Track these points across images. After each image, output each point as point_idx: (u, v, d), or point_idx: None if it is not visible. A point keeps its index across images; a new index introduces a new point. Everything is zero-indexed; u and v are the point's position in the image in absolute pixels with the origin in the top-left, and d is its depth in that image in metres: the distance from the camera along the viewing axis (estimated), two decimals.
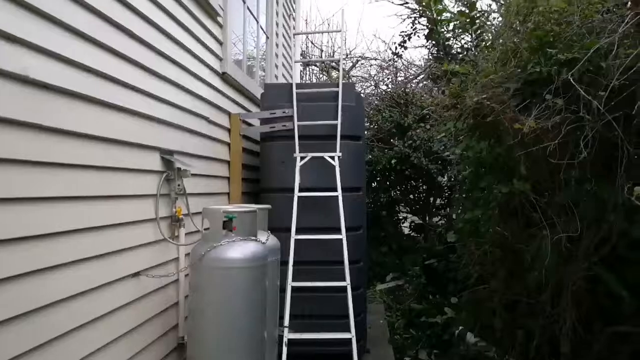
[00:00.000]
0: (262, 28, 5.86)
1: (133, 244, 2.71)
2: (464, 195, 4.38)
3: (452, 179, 6.91)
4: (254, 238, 2.93)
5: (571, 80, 2.37)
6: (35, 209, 1.97)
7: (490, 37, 4.20)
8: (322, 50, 11.58)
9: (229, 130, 4.30)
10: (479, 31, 4.34)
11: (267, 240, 3.04)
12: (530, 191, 2.97)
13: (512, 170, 3.24)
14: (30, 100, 1.95)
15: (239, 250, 2.82)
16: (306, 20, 11.60)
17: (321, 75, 11.42)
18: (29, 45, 1.94)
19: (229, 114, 4.30)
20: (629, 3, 2.57)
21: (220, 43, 4.11)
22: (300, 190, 4.08)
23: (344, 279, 3.74)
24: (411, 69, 9.33)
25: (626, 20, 2.36)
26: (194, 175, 3.36)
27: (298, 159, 4.17)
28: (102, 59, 2.41)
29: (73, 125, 2.19)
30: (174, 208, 3.17)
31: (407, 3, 4.86)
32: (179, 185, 3.17)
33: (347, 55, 10.99)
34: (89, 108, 2.32)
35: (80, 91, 2.23)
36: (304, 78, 11.33)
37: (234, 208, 2.98)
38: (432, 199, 7.85)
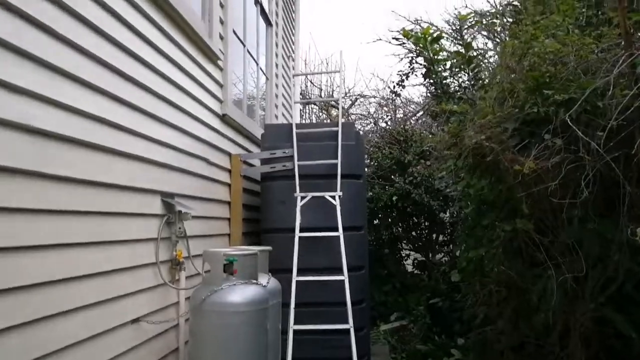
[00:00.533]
0: (262, 70, 5.95)
1: (133, 289, 2.68)
2: (466, 232, 4.35)
3: (455, 215, 6.88)
4: (254, 281, 2.90)
5: (568, 121, 2.38)
6: (34, 256, 1.95)
7: (487, 76, 4.26)
8: (321, 89, 11.74)
9: (229, 171, 4.31)
10: (475, 70, 4.40)
11: (268, 282, 3.01)
12: (533, 231, 2.95)
13: (515, 208, 3.22)
14: (33, 149, 1.95)
15: (240, 294, 2.78)
16: (305, 60, 11.80)
17: (321, 114, 11.54)
18: (34, 95, 1.96)
19: (229, 154, 4.32)
20: (623, 43, 2.61)
21: (221, 85, 4.16)
22: (301, 230, 4.06)
23: (346, 321, 3.68)
24: (410, 106, 9.43)
25: (620, 61, 2.39)
26: (194, 217, 3.34)
27: (299, 198, 4.17)
28: (103, 105, 2.43)
29: (74, 172, 2.20)
30: (175, 251, 3.14)
31: (404, 43, 4.94)
32: (179, 228, 3.16)
33: (346, 94, 11.13)
34: (90, 154, 2.33)
35: (81, 138, 2.25)
36: (304, 116, 11.44)
37: (234, 251, 2.96)
38: (434, 235, 7.80)
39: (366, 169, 7.28)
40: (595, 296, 2.94)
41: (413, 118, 9.00)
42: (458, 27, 4.58)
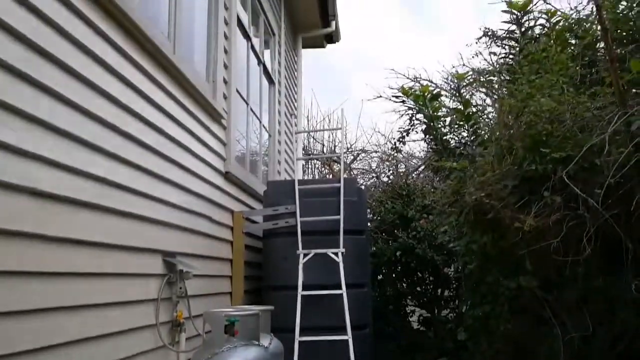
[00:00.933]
0: (264, 127, 6.06)
1: (132, 353, 2.63)
2: (471, 289, 4.30)
3: (459, 270, 6.80)
4: (256, 342, 2.85)
5: (566, 179, 2.41)
6: (31, 320, 1.94)
7: (486, 132, 4.32)
8: (323, 145, 11.89)
9: (231, 229, 4.31)
10: (474, 127, 4.48)
11: (270, 344, 2.95)
12: (537, 288, 2.92)
13: (519, 265, 3.20)
14: (36, 211, 1.98)
15: (241, 357, 2.73)
16: (307, 116, 12.02)
17: (323, 169, 11.64)
18: (39, 159, 2.00)
19: (232, 212, 4.34)
20: (617, 101, 2.66)
21: (224, 144, 4.23)
22: (304, 287, 4.02)
23: None
24: (412, 161, 9.51)
25: (614, 120, 2.44)
26: (195, 276, 3.32)
27: (301, 256, 4.15)
28: (108, 166, 2.47)
29: (76, 233, 2.21)
30: (175, 312, 3.11)
31: (404, 101, 5.05)
32: (180, 287, 3.13)
33: (348, 149, 11.27)
34: (93, 215, 2.35)
35: (85, 199, 2.27)
36: (307, 171, 11.54)
37: (235, 311, 2.92)
38: (439, 291, 7.68)
39: (369, 224, 7.27)
40: (604, 355, 2.87)
41: (415, 172, 9.06)
42: (456, 86, 4.70)
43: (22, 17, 1.92)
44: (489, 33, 4.67)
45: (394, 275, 7.62)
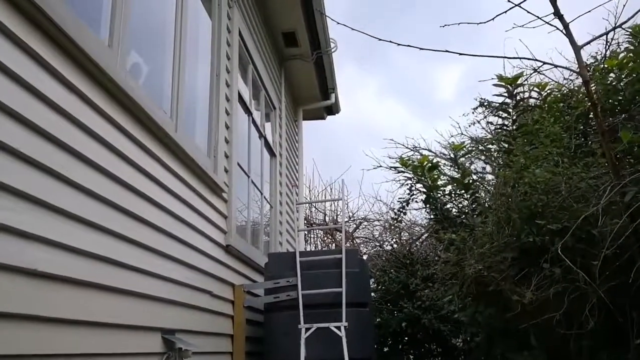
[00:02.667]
0: (266, 198, 6.11)
1: None
2: None
3: (467, 341, 6.63)
4: None
5: (561, 254, 2.41)
6: None
7: (485, 201, 4.35)
8: (325, 214, 11.91)
9: (232, 303, 4.26)
10: (474, 196, 4.51)
11: None
12: None
13: (524, 338, 3.13)
14: (35, 293, 1.97)
15: None
16: (309, 186, 12.13)
17: (325, 238, 11.59)
18: (40, 240, 2.02)
19: (232, 285, 4.30)
20: (610, 172, 2.70)
21: (225, 217, 4.26)
22: None
23: None
24: (415, 228, 9.48)
25: (607, 191, 2.47)
26: (195, 353, 3.25)
27: (303, 330, 4.07)
28: (108, 245, 2.49)
29: (73, 313, 2.19)
30: None
31: (403, 172, 5.12)
32: None
33: (349, 218, 11.28)
34: (92, 294, 2.34)
35: (83, 278, 2.27)
36: (309, 240, 11.49)
37: None
38: None
39: (373, 294, 7.16)
40: None
41: (418, 240, 9.01)
42: (454, 156, 4.78)
43: (25, 101, 2.00)
44: (485, 103, 4.81)
45: (400, 347, 7.42)
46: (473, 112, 4.95)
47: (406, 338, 7.26)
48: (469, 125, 7.42)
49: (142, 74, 3.32)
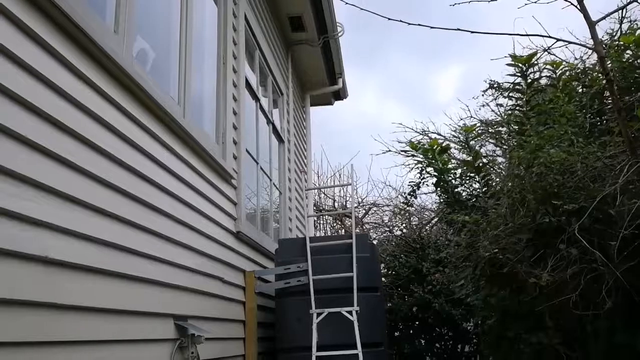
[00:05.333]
0: (275, 185, 6.09)
1: None
2: (492, 346, 4.15)
3: (479, 325, 6.61)
4: None
5: (577, 235, 2.36)
6: None
7: (498, 184, 4.29)
8: (334, 200, 11.89)
9: (243, 289, 4.26)
10: (485, 178, 4.46)
11: None
12: (560, 344, 2.81)
13: (539, 319, 3.10)
14: (46, 280, 1.97)
15: None
16: (318, 172, 12.10)
17: (335, 224, 11.58)
18: (50, 227, 2.01)
19: (243, 272, 4.29)
20: (627, 150, 2.65)
21: (235, 203, 4.24)
22: (319, 348, 3.91)
23: None
24: (425, 213, 9.45)
25: (625, 170, 2.42)
26: (208, 339, 3.25)
27: (314, 315, 4.06)
28: (119, 232, 2.48)
29: (86, 300, 2.19)
30: None
31: (413, 155, 5.06)
32: (192, 353, 3.06)
33: (359, 204, 11.24)
34: (104, 281, 2.33)
35: (96, 266, 2.26)
36: (319, 227, 11.49)
37: None
38: (459, 346, 7.45)
39: (384, 279, 7.15)
40: None
41: (428, 225, 8.98)
42: (465, 139, 4.71)
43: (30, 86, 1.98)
44: (495, 85, 4.73)
45: (411, 332, 7.43)
46: (483, 95, 4.87)
47: (417, 322, 7.27)
48: (479, 108, 7.30)
49: (149, 60, 3.28)
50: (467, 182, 4.84)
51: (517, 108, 4.07)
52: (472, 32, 2.64)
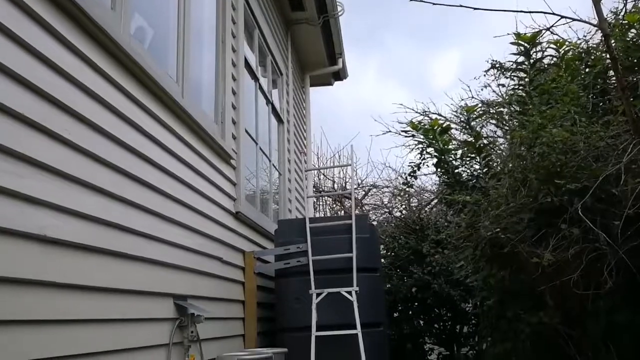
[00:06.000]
0: (274, 166, 6.06)
1: None
2: (491, 326, 4.17)
3: (478, 305, 6.64)
4: None
5: (581, 214, 2.34)
6: None
7: (499, 164, 4.27)
8: (334, 182, 11.87)
9: (243, 269, 4.26)
10: (486, 159, 4.43)
11: None
12: (560, 324, 2.81)
13: (539, 299, 3.10)
14: (44, 258, 1.95)
15: None
16: (317, 154, 12.06)
17: (334, 205, 11.58)
18: (48, 205, 1.98)
19: (243, 252, 4.29)
20: (630, 130, 2.62)
21: (234, 184, 4.22)
22: (318, 328, 3.93)
23: None
24: (424, 194, 9.44)
25: (629, 148, 2.39)
26: (207, 319, 3.26)
27: (314, 295, 4.07)
28: (117, 211, 2.45)
29: (85, 279, 2.18)
30: (187, 357, 3.03)
31: (414, 135, 5.04)
32: (192, 332, 3.07)
33: (358, 185, 11.22)
34: (102, 260, 2.32)
35: (94, 244, 2.25)
36: (318, 208, 11.49)
37: (248, 355, 2.85)
38: (458, 327, 7.49)
39: (383, 260, 7.16)
40: None
41: (428, 206, 8.97)
42: (466, 119, 4.68)
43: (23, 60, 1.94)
44: (497, 65, 4.68)
45: (410, 313, 7.46)
46: (485, 75, 4.83)
47: (416, 303, 7.29)
48: (481, 89, 7.24)
49: (147, 39, 3.23)
50: (468, 162, 4.82)
51: (520, 88, 4.03)
52: (475, 8, 2.59)
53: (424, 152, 5.02)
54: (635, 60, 3.29)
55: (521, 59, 4.06)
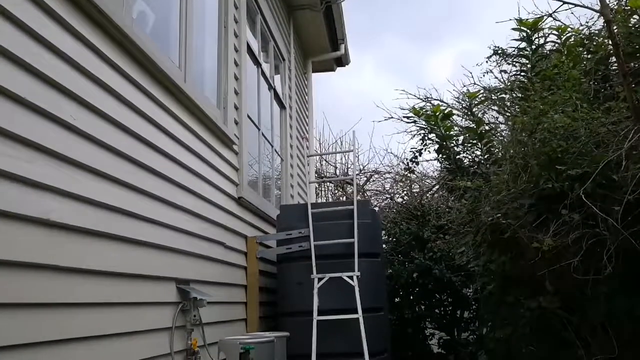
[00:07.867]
0: (276, 151, 6.07)
1: None
2: (491, 311, 4.20)
3: (478, 291, 6.67)
4: None
5: (584, 199, 2.35)
6: (51, 353, 1.92)
7: (500, 150, 4.27)
8: (336, 167, 11.89)
9: (245, 254, 4.29)
10: (488, 145, 4.44)
11: None
12: (559, 309, 2.84)
13: (539, 284, 3.12)
14: (48, 242, 1.97)
15: None
16: (319, 140, 12.05)
17: (336, 191, 11.60)
18: (53, 190, 2.00)
19: (245, 237, 4.32)
20: (632, 116, 2.62)
21: (236, 169, 4.23)
22: (320, 313, 3.96)
23: None
24: (425, 180, 9.44)
25: (631, 135, 2.40)
26: (210, 303, 3.29)
27: (315, 280, 4.10)
28: (120, 195, 2.47)
29: (88, 263, 2.20)
30: (189, 340, 3.07)
31: (415, 121, 5.04)
32: (194, 315, 3.10)
33: (360, 171, 11.23)
34: (106, 244, 2.35)
35: (97, 229, 2.27)
36: (320, 194, 11.51)
37: (250, 338, 2.88)
38: (459, 312, 7.55)
39: (384, 246, 7.19)
40: None
41: (429, 192, 8.98)
42: (468, 105, 4.67)
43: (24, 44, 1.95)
44: (499, 51, 4.66)
45: (411, 298, 7.51)
46: (487, 61, 4.81)
47: (417, 289, 7.32)
48: (483, 75, 7.21)
49: (149, 23, 3.23)
50: (470, 148, 4.83)
51: (522, 74, 4.02)
52: None
53: (426, 138, 5.03)
54: (637, 47, 3.27)
55: (523, 44, 4.04)
